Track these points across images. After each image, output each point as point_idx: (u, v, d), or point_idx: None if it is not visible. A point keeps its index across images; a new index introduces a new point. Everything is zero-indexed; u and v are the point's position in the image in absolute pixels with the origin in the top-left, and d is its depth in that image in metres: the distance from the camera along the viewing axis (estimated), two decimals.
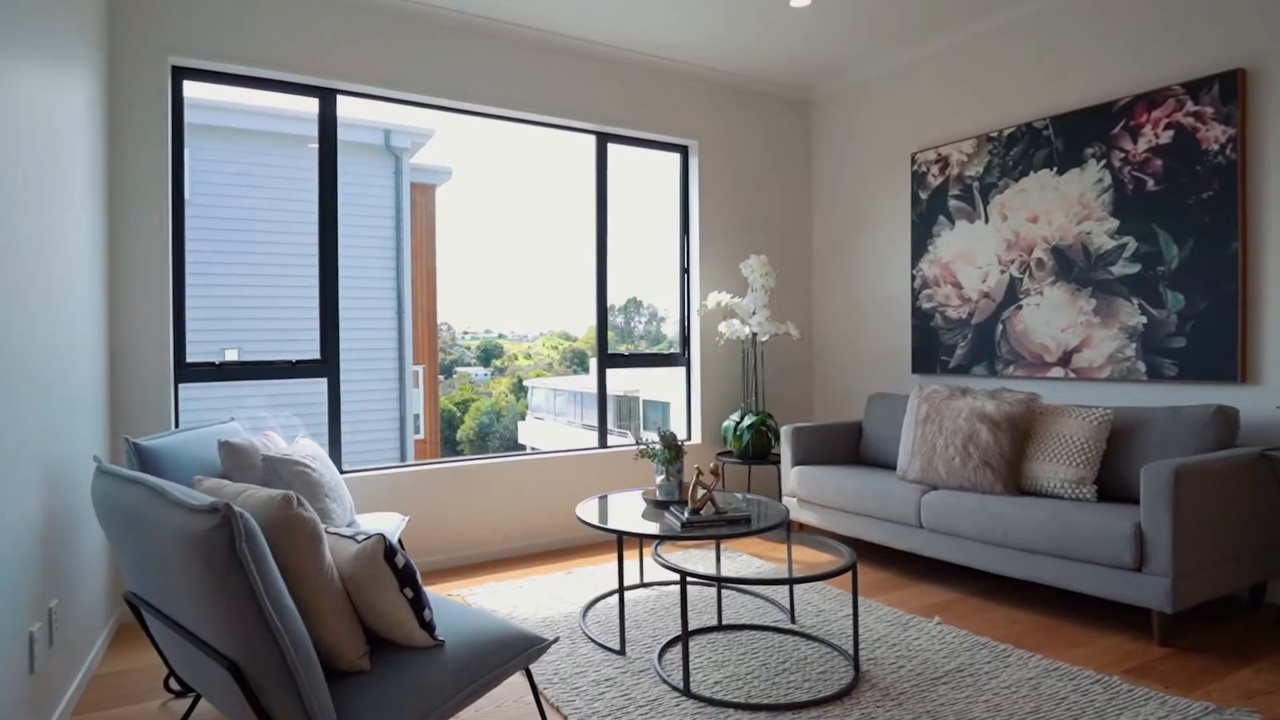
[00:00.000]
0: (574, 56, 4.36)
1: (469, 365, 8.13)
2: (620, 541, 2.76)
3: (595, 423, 4.73)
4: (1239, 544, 2.85)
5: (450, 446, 7.19)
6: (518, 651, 1.84)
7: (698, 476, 2.68)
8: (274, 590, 1.40)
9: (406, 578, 1.72)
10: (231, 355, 4.86)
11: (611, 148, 4.60)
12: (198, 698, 1.98)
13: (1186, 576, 2.66)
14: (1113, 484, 3.22)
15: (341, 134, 3.72)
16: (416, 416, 5.84)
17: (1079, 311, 3.74)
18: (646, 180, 4.78)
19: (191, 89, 3.41)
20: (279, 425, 3.49)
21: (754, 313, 4.46)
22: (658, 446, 2.96)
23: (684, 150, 4.90)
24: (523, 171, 6.23)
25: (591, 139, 4.54)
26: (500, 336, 8.12)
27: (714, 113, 4.88)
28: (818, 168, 5.28)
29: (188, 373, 3.35)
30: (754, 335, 4.54)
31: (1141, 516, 2.72)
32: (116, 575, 3.12)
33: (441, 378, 6.76)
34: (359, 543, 1.75)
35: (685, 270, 4.91)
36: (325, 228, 3.66)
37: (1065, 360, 3.79)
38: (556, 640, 1.98)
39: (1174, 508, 2.63)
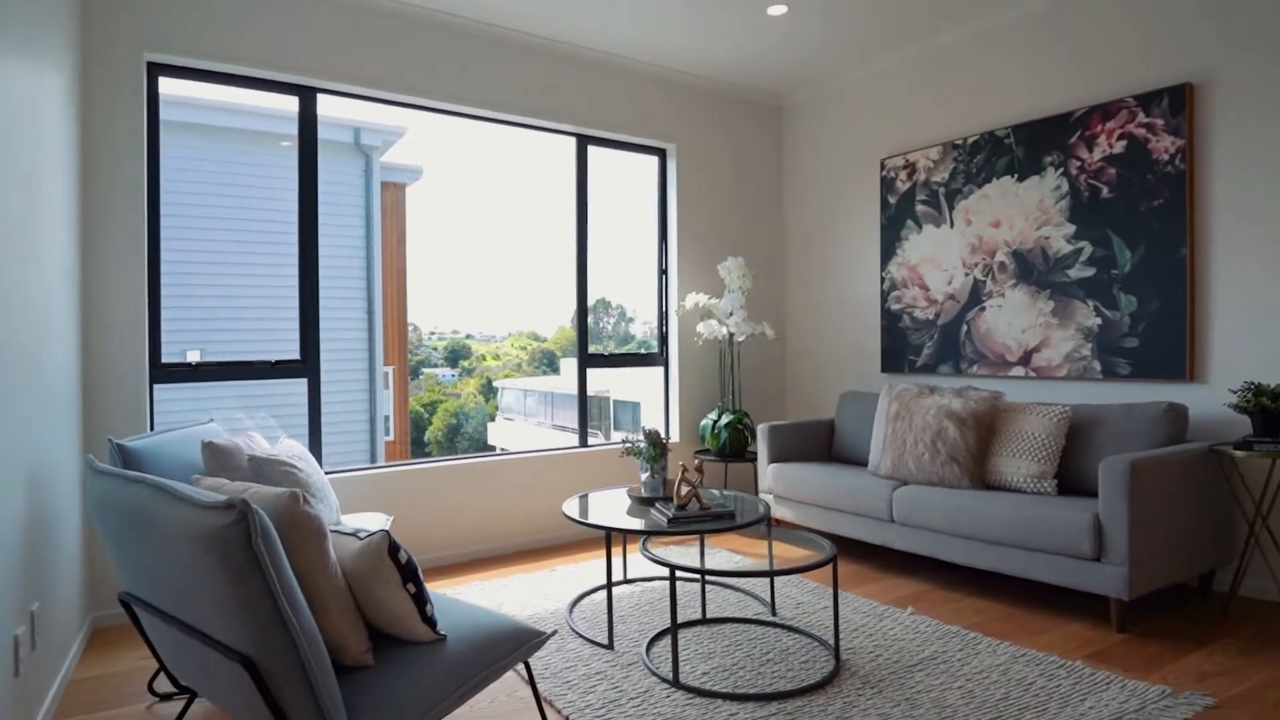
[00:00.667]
0: (556, 59, 4.40)
1: (436, 366, 8.05)
2: (609, 538, 2.81)
3: (567, 423, 4.76)
4: (1189, 534, 3.00)
5: (418, 449, 7.13)
6: (518, 645, 1.87)
7: (683, 473, 2.74)
8: (287, 585, 1.42)
9: (409, 573, 1.75)
10: (193, 356, 4.76)
11: (590, 150, 4.64)
12: (190, 700, 1.97)
13: (1142, 566, 2.79)
14: (1072, 478, 3.36)
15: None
16: (386, 418, 5.80)
17: (1038, 313, 3.90)
18: (614, 182, 4.82)
19: (167, 85, 3.35)
20: (255, 426, 3.45)
21: (731, 313, 4.55)
22: (643, 445, 3.02)
23: (662, 153, 4.97)
24: (494, 171, 6.22)
25: (572, 141, 4.58)
26: (468, 337, 8.06)
27: (691, 117, 4.96)
28: (791, 172, 5.39)
29: (163, 373, 3.30)
30: (731, 335, 4.63)
31: (1100, 509, 2.84)
32: (91, 579, 3.06)
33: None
34: (361, 539, 1.77)
35: (663, 271, 4.98)
36: (305, 227, 3.64)
37: (1026, 360, 3.94)
38: (555, 633, 2.01)
39: (1130, 500, 2.75)
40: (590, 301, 4.70)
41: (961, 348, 4.25)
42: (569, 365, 7.38)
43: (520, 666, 2.51)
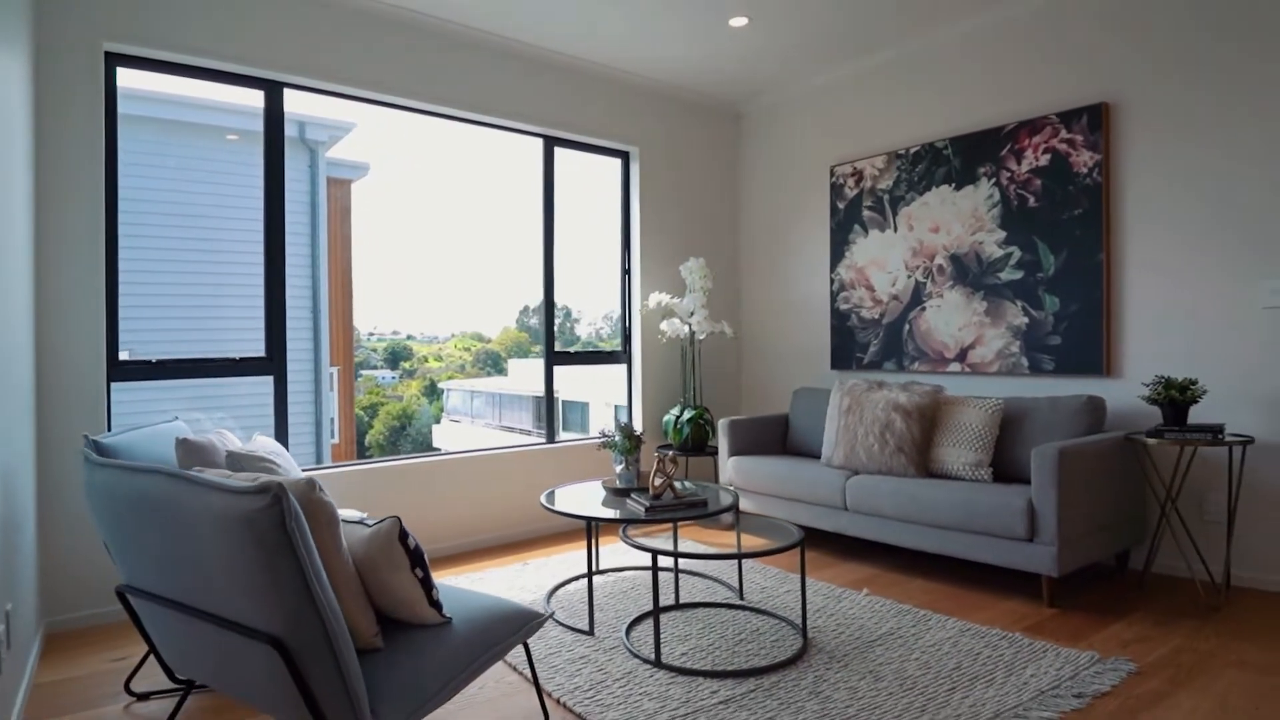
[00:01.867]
0: (526, 62, 4.46)
1: (375, 368, 7.93)
2: (590, 527, 2.89)
3: (514, 424, 4.81)
4: (1108, 516, 3.26)
5: (360, 451, 7.00)
6: (520, 625, 1.94)
7: (658, 465, 2.84)
8: (317, 566, 1.46)
9: (417, 558, 1.80)
10: (123, 357, 4.57)
11: (539, 150, 4.70)
12: (184, 696, 1.95)
13: (1069, 545, 3.02)
14: (1005, 466, 3.60)
15: (253, 125, 3.64)
16: (332, 420, 5.69)
17: (973, 313, 4.17)
18: (566, 184, 4.90)
19: (125, 77, 3.25)
20: (214, 425, 3.38)
21: (693, 313, 4.69)
22: (617, 438, 3.11)
23: (625, 156, 5.08)
24: (443, 170, 6.19)
25: (528, 141, 4.64)
26: (409, 338, 7.98)
27: (654, 121, 5.09)
28: (747, 177, 5.58)
29: (120, 371, 3.20)
30: (692, 334, 4.78)
31: (1033, 493, 3.07)
32: (43, 583, 2.95)
33: None
34: (369, 526, 1.81)
35: (626, 271, 5.09)
36: (271, 223, 3.59)
37: (962, 356, 4.21)
38: (552, 615, 2.09)
39: (1059, 485, 2.98)
40: (535, 303, 4.76)
41: (904, 345, 4.50)
42: (516, 366, 7.38)
43: (509, 656, 2.56)
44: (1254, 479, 3.28)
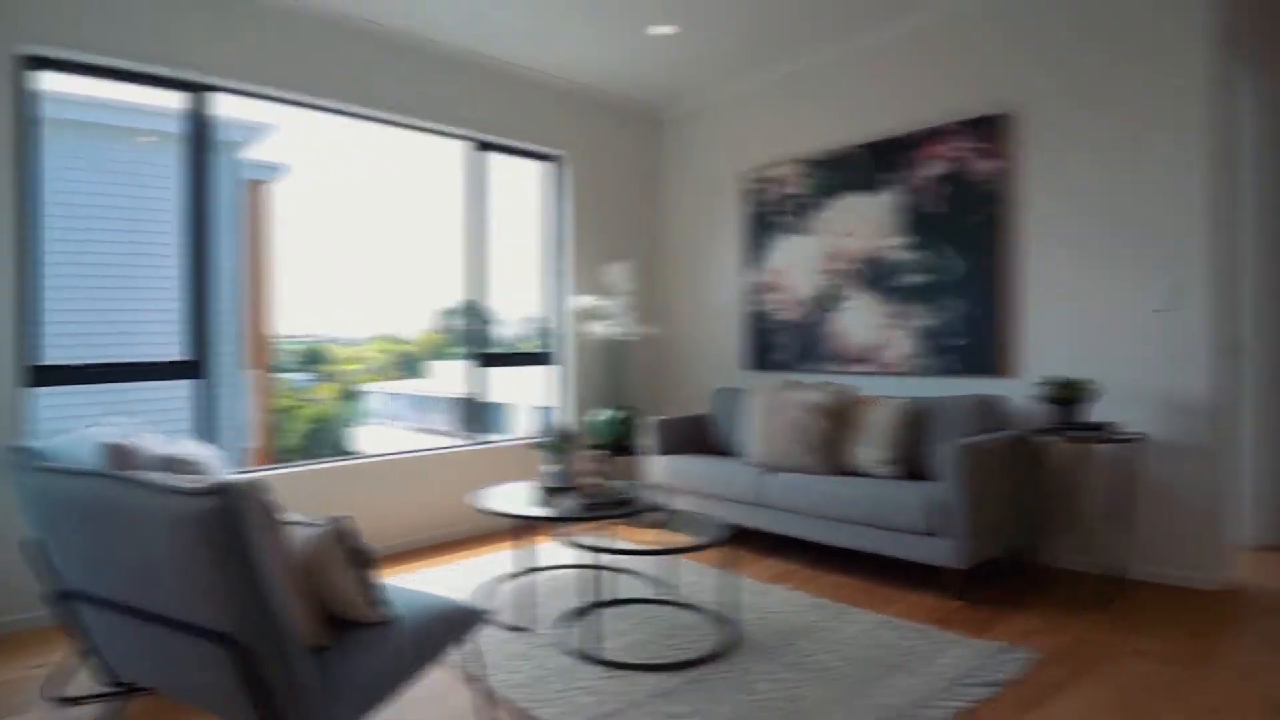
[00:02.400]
0: (454, 64, 4.45)
1: (291, 371, 7.68)
2: (524, 527, 2.92)
3: (434, 427, 4.82)
4: (1010, 512, 3.43)
5: (277, 455, 6.78)
6: (463, 622, 1.99)
7: (589, 464, 2.92)
8: (265, 564, 1.49)
9: (361, 558, 1.84)
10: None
11: (462, 153, 4.72)
12: (117, 700, 1.91)
13: (974, 540, 3.17)
14: (912, 463, 3.75)
15: (164, 125, 3.54)
16: (248, 424, 5.51)
17: (882, 315, 4.35)
18: (492, 187, 4.92)
19: (44, 79, 3.10)
20: (132, 431, 3.24)
21: (618, 315, 4.78)
22: (549, 439, 3.17)
23: (555, 160, 5.12)
24: (363, 172, 6.07)
25: (461, 145, 4.64)
26: (326, 341, 7.77)
27: (581, 126, 5.15)
28: (668, 181, 5.69)
29: (36, 377, 3.06)
30: (617, 336, 4.85)
31: (938, 489, 3.22)
32: None
33: None
34: (313, 527, 1.83)
35: (557, 274, 5.14)
36: (195, 225, 3.49)
37: (873, 357, 4.41)
38: (492, 612, 2.14)
39: (962, 481, 3.14)
40: (455, 305, 4.79)
41: (819, 346, 4.68)
42: (438, 368, 7.30)
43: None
44: (1148, 476, 3.42)
